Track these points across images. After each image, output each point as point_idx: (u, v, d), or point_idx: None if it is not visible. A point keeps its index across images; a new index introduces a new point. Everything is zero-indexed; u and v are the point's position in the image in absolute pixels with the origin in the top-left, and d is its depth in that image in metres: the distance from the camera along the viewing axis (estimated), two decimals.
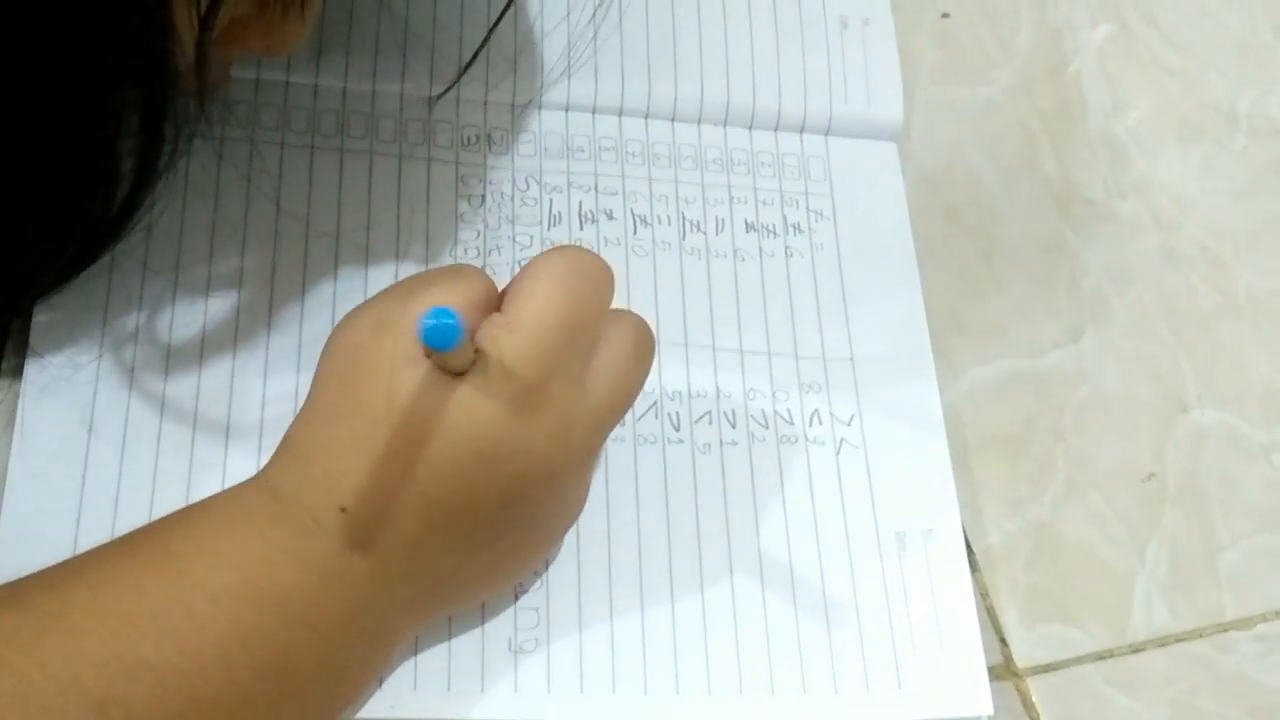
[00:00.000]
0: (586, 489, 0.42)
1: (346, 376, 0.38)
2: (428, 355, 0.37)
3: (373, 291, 0.46)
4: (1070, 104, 0.59)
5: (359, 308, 0.40)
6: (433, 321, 0.33)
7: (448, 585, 0.40)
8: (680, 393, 0.48)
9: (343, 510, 0.37)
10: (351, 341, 0.38)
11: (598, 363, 0.40)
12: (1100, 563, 0.50)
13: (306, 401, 0.39)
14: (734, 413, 0.48)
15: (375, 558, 0.37)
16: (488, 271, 0.48)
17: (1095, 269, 0.55)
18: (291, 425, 0.39)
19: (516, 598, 0.43)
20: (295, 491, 0.37)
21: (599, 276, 0.40)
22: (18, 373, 0.43)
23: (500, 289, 0.40)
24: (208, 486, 0.42)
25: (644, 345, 0.41)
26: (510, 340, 0.37)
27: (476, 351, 0.37)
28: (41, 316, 0.44)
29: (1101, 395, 0.53)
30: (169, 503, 0.39)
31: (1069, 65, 0.60)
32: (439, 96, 0.50)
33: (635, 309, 0.48)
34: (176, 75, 0.36)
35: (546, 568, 0.44)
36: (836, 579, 0.46)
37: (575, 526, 0.44)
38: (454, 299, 0.38)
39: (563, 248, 0.40)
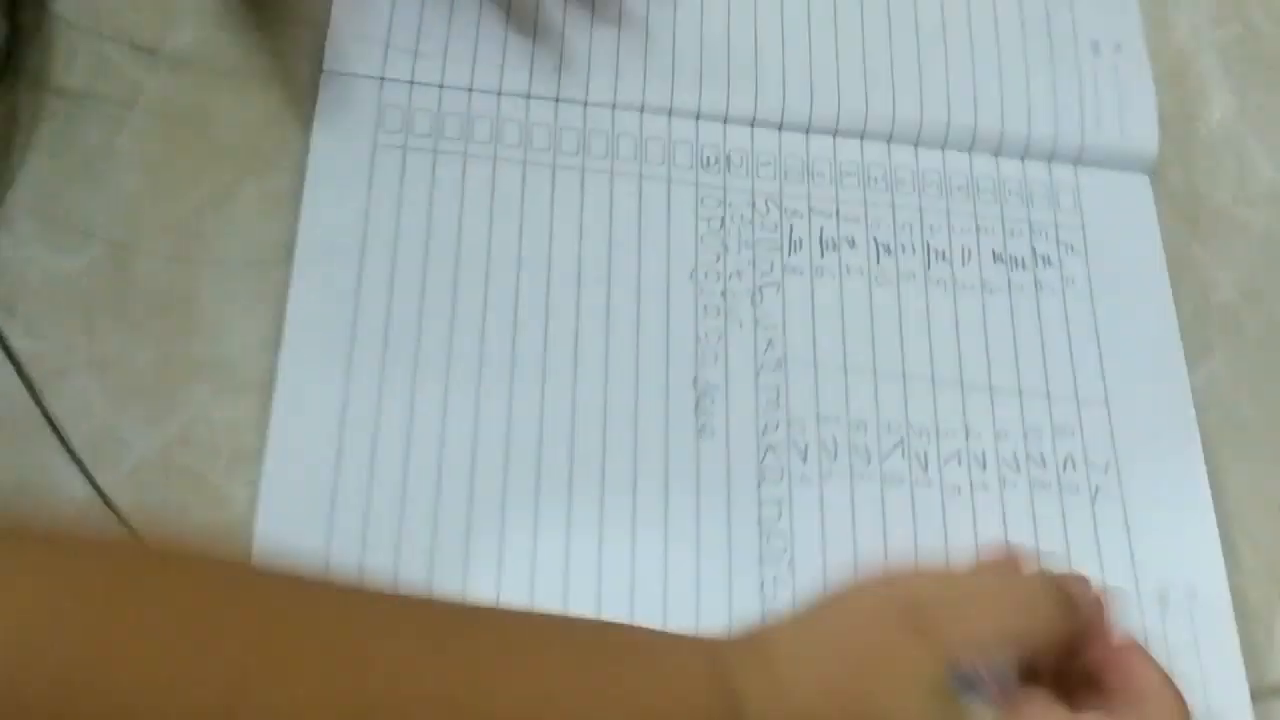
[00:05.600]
0: None
1: (861, 656, 0.35)
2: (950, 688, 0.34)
3: (614, 316, 0.46)
4: (1193, 107, 0.55)
5: (896, 583, 0.36)
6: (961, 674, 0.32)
7: None
8: (927, 430, 0.46)
9: None
10: (878, 622, 0.35)
11: None
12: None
13: (799, 634, 0.36)
14: (984, 454, 0.46)
15: None
16: (727, 297, 0.47)
17: (1224, 283, 0.52)
18: (775, 635, 0.36)
19: None
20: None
21: None
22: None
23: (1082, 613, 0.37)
24: None
25: None
26: None
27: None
28: None
29: (1233, 419, 0.49)
30: None
31: (1192, 66, 0.56)
32: None
33: (879, 340, 0.46)
34: None
35: None
36: None
37: (824, 567, 0.42)
38: (1012, 646, 0.35)
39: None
